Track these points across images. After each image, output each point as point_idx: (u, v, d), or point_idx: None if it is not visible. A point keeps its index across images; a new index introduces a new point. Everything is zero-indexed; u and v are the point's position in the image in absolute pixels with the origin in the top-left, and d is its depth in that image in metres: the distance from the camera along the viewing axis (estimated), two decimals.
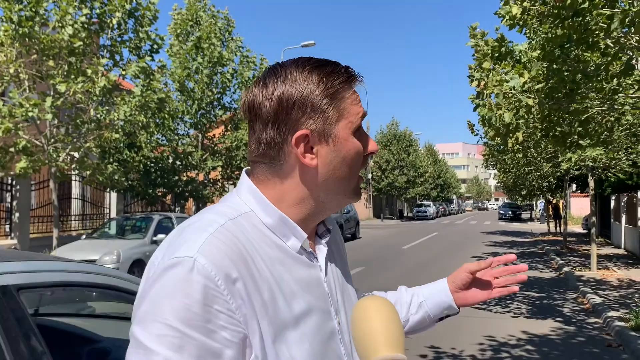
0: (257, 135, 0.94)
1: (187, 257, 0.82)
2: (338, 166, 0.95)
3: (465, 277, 1.27)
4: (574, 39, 5.73)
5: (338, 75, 0.95)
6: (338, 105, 0.94)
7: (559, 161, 14.55)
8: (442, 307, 1.29)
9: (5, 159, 10.71)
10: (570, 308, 8.99)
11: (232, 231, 0.88)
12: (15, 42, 9.99)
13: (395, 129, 47.27)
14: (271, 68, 0.97)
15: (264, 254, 0.90)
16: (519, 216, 49.15)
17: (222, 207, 0.95)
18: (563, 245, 19.01)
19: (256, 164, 0.97)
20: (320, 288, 0.97)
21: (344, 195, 0.99)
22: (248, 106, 0.95)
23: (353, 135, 0.96)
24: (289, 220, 0.95)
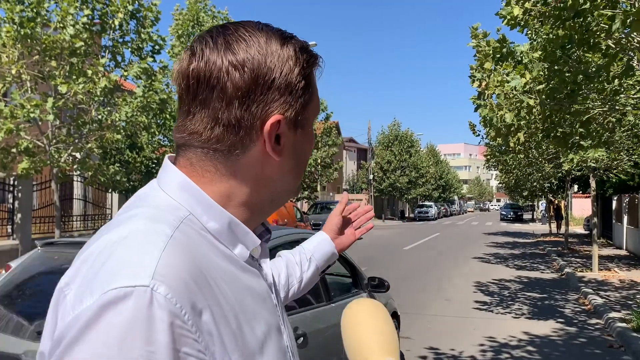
0: (213, 113, 0.73)
1: (140, 287, 0.60)
2: (299, 160, 0.82)
3: (338, 220, 1.34)
4: (575, 39, 5.73)
5: (308, 53, 0.80)
6: (309, 90, 0.79)
7: (560, 162, 14.55)
8: (327, 257, 1.31)
9: (7, 159, 10.72)
10: (571, 309, 8.98)
11: (186, 245, 0.68)
12: (17, 43, 10.00)
13: (396, 130, 47.25)
14: (232, 29, 0.76)
15: (220, 271, 0.71)
16: (521, 217, 49.10)
17: (152, 212, 0.72)
18: (564, 246, 18.99)
19: (195, 150, 0.76)
20: (270, 301, 0.81)
21: (292, 191, 0.84)
22: (198, 74, 0.73)
23: None
24: (240, 224, 0.77)
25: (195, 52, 0.74)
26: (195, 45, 0.75)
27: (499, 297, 10.07)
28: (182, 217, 0.72)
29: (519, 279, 12.49)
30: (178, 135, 0.77)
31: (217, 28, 0.78)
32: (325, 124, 22.63)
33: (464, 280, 12.10)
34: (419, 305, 9.01)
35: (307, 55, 0.79)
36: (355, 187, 49.25)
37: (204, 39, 0.76)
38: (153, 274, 0.61)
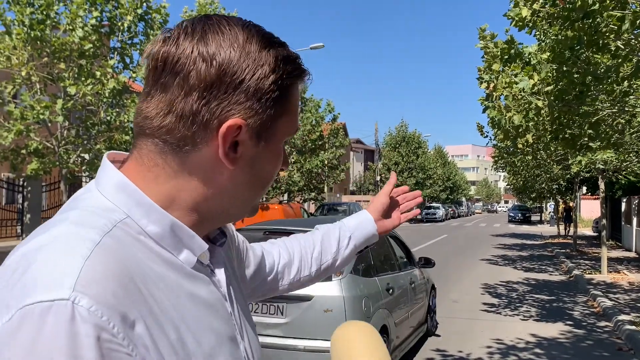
0: (169, 99, 0.68)
1: (60, 301, 0.54)
2: (257, 176, 0.75)
3: (385, 200, 1.26)
4: (584, 40, 5.70)
5: (294, 65, 0.74)
6: (283, 104, 0.73)
7: (568, 163, 14.48)
8: (367, 237, 1.23)
9: (17, 160, 10.81)
10: (580, 311, 8.93)
11: (115, 251, 0.61)
12: (27, 45, 10.09)
13: (404, 131, 47.18)
14: (215, 21, 0.72)
15: (157, 279, 0.65)
16: (529, 219, 48.88)
17: (84, 214, 0.65)
18: (573, 248, 18.89)
19: (146, 140, 0.70)
20: (223, 310, 0.75)
21: (247, 209, 0.78)
22: (166, 57, 0.68)
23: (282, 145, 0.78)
24: (184, 228, 0.71)
25: (171, 36, 0.70)
26: (174, 30, 0.71)
27: (507, 299, 10.03)
28: (116, 221, 0.66)
29: (527, 281, 12.43)
30: (135, 120, 0.72)
31: (201, 17, 0.73)
32: (333, 126, 22.62)
33: (472, 282, 12.06)
34: None
35: (291, 66, 0.73)
36: (362, 188, 49.21)
37: (183, 25, 0.72)
38: (74, 285, 0.55)
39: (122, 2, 11.16)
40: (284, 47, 0.74)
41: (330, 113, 22.10)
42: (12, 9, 10.14)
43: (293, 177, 19.99)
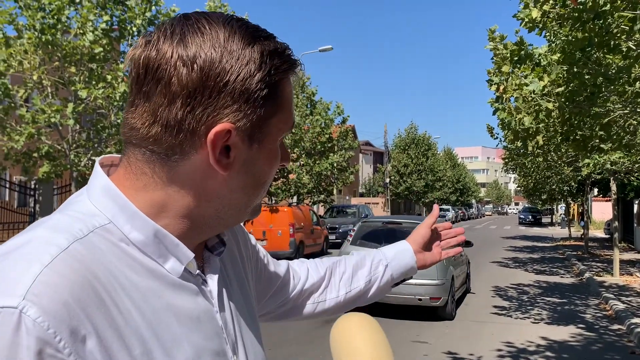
0: (153, 108, 0.65)
1: (7, 308, 0.53)
2: (254, 178, 0.71)
3: (426, 233, 1.21)
4: (595, 41, 5.66)
5: (282, 59, 0.70)
6: (275, 101, 0.69)
7: (579, 165, 14.38)
8: (404, 269, 1.19)
9: (29, 163, 10.91)
10: (592, 314, 8.86)
11: (81, 258, 0.59)
12: (38, 50, 10.18)
13: (414, 133, 47.06)
14: (194, 20, 0.68)
15: (131, 288, 0.63)
16: (540, 220, 48.59)
17: (62, 218, 0.65)
18: (584, 250, 18.74)
19: (134, 149, 0.68)
20: (212, 322, 0.72)
21: (246, 213, 0.75)
22: (147, 63, 0.65)
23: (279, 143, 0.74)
24: (168, 236, 0.68)
25: (151, 40, 0.67)
26: (153, 32, 0.68)
27: (517, 301, 9.96)
28: (95, 226, 0.64)
29: (538, 283, 12.35)
30: (122, 130, 0.69)
31: (180, 16, 0.69)
32: (342, 128, 22.61)
33: (482, 284, 12.00)
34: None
35: (279, 60, 0.69)
36: (371, 190, 49.14)
37: (163, 27, 0.68)
38: (25, 294, 0.53)
39: (131, 6, 11.24)
40: (271, 39, 0.70)
41: (339, 115, 22.09)
42: (23, 13, 10.24)
43: (302, 179, 20.01)
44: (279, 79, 0.69)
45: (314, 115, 20.81)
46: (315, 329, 7.27)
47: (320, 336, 6.76)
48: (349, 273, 1.14)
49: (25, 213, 14.27)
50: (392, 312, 8.38)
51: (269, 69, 0.67)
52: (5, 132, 10.39)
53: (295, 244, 15.96)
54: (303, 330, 7.35)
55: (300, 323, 7.81)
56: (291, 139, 18.71)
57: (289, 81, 0.72)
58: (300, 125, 19.31)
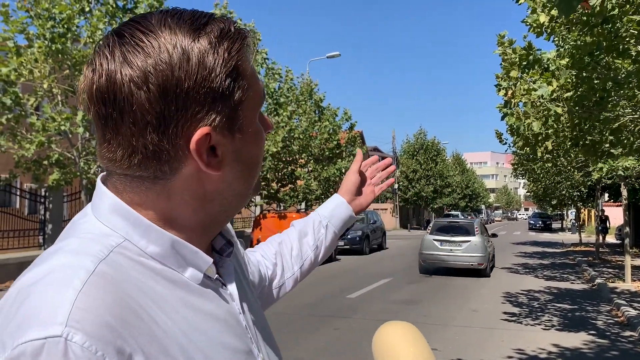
0: (126, 140, 0.63)
1: (52, 338, 0.52)
2: (246, 163, 0.71)
3: (355, 179, 1.24)
4: (604, 46, 5.63)
5: (232, 39, 0.66)
6: (241, 84, 0.66)
7: (589, 170, 14.28)
8: (344, 221, 1.22)
9: (39, 171, 10.99)
10: (603, 321, 8.77)
11: (111, 279, 0.59)
12: (48, 58, 10.27)
13: (422, 138, 46.98)
14: (127, 34, 0.64)
15: (160, 301, 0.63)
16: (550, 226, 48.29)
17: (78, 242, 0.63)
18: (595, 256, 18.58)
19: (119, 176, 0.67)
20: (238, 325, 0.73)
21: (246, 195, 0.74)
22: (102, 96, 0.62)
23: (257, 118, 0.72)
24: (186, 245, 0.68)
25: (95, 67, 0.63)
26: (95, 58, 0.64)
27: (528, 308, 9.88)
28: (113, 245, 0.63)
29: (549, 289, 12.25)
30: (101, 162, 0.67)
31: (112, 34, 0.65)
32: (349, 133, 22.61)
33: (492, 290, 11.92)
34: (445, 316, 8.90)
35: (229, 42, 0.65)
36: (379, 196, 48.98)
37: (101, 50, 0.64)
38: (67, 321, 0.53)
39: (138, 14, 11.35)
40: (210, 23, 0.66)
41: (347, 121, 22.10)
42: (34, 23, 10.35)
43: (310, 185, 20.01)
44: (235, 62, 0.66)
45: (322, 122, 20.83)
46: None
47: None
48: (297, 247, 1.18)
49: (36, 220, 14.36)
50: (454, 272, 14.60)
51: (222, 57, 0.64)
52: (16, 140, 10.48)
53: None
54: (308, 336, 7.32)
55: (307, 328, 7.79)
56: (299, 144, 18.73)
57: (245, 55, 0.68)
58: (308, 131, 19.33)
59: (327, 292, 11.48)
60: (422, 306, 9.84)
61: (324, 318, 8.69)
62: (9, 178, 11.24)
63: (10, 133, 10.47)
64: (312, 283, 13.02)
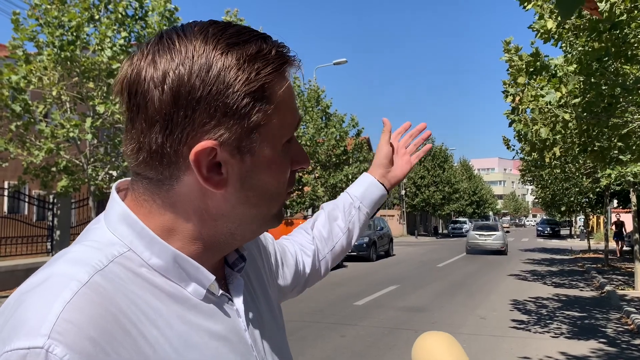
0: (137, 135, 0.64)
1: (34, 349, 0.53)
2: (257, 190, 0.68)
3: (387, 150, 1.19)
4: (612, 52, 5.61)
5: (266, 60, 0.65)
6: (264, 108, 0.65)
7: (598, 177, 14.20)
8: (376, 201, 1.19)
9: (48, 178, 11.06)
10: (613, 328, 8.68)
11: (103, 291, 0.58)
12: (57, 66, 10.36)
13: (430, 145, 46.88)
14: (165, 37, 0.65)
15: (155, 316, 0.62)
16: (558, 233, 47.99)
17: (81, 250, 0.64)
18: (605, 263, 18.43)
19: (135, 176, 0.68)
20: (241, 342, 0.71)
21: (262, 224, 0.72)
22: (128, 88, 0.65)
23: (281, 148, 0.69)
24: (188, 260, 0.67)
25: (133, 61, 0.65)
26: (136, 52, 0.67)
27: (536, 315, 9.81)
28: (115, 255, 0.63)
29: (557, 296, 12.16)
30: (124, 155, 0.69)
31: (160, 34, 0.67)
32: (356, 140, 22.63)
33: (500, 298, 11.85)
34: (453, 324, 8.85)
35: (262, 63, 0.64)
36: (387, 202, 48.96)
37: (141, 47, 0.66)
38: (49, 333, 0.53)
39: (149, 22, 11.40)
40: (253, 42, 0.65)
41: (354, 127, 22.13)
42: (43, 31, 10.45)
43: (317, 191, 20.00)
44: (264, 82, 0.64)
45: (328, 128, 20.85)
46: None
47: None
48: (327, 229, 1.14)
49: (44, 227, 14.44)
50: (487, 252, 25.11)
51: (247, 76, 0.63)
52: (25, 146, 10.56)
53: None
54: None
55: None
56: (306, 151, 18.77)
57: (282, 80, 0.67)
58: (314, 137, 19.34)
59: (333, 299, 11.45)
60: (430, 313, 9.79)
61: (330, 325, 8.67)
62: (17, 184, 11.31)
63: (20, 140, 10.55)
64: (318, 289, 13.00)
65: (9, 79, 9.96)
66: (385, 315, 9.54)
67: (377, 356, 6.79)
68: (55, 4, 10.42)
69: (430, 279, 15.30)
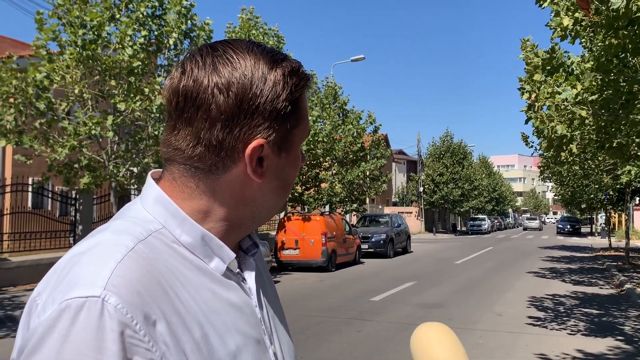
0: (196, 132, 0.75)
1: (92, 298, 0.63)
2: (284, 182, 0.82)
3: None
4: (629, 48, 5.58)
5: (299, 76, 0.79)
6: (297, 114, 0.80)
7: (618, 173, 14.04)
8: None
9: (70, 174, 11.28)
10: (631, 326, 8.62)
11: (146, 257, 0.70)
12: (79, 64, 10.55)
13: (449, 141, 46.57)
14: (221, 50, 0.77)
15: (186, 282, 0.73)
16: (579, 230, 47.41)
17: (124, 224, 0.75)
18: (625, 261, 18.22)
19: (178, 166, 0.78)
20: (253, 315, 0.82)
21: (276, 209, 0.85)
22: (186, 92, 0.75)
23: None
24: (214, 239, 0.78)
25: (185, 71, 0.76)
26: (185, 64, 0.77)
27: (553, 312, 9.78)
28: (152, 230, 0.74)
29: (575, 294, 12.08)
30: (164, 150, 0.79)
31: (206, 47, 0.78)
32: (374, 136, 22.60)
33: (517, 295, 11.81)
34: (470, 320, 8.87)
35: (297, 78, 0.79)
36: (404, 199, 48.83)
37: (194, 58, 0.77)
38: (105, 285, 0.63)
39: (168, 21, 11.55)
40: (286, 60, 0.80)
41: (371, 124, 22.13)
42: (66, 30, 10.65)
43: (335, 188, 20.07)
44: (298, 95, 0.79)
45: (345, 125, 20.88)
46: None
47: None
48: None
49: (67, 222, 14.74)
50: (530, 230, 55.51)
51: (290, 88, 0.77)
52: (48, 143, 10.79)
53: (328, 253, 16.00)
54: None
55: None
56: (322, 148, 18.83)
57: (304, 95, 0.82)
58: (332, 134, 19.39)
59: (350, 295, 11.52)
60: (446, 310, 9.81)
61: (347, 320, 8.75)
62: (41, 181, 11.56)
63: (44, 137, 10.78)
64: (336, 286, 13.08)
65: (33, 78, 10.18)
66: (401, 312, 9.59)
67: (394, 351, 6.86)
68: (77, 4, 10.62)
69: (447, 276, 15.28)
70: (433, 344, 0.96)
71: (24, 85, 10.28)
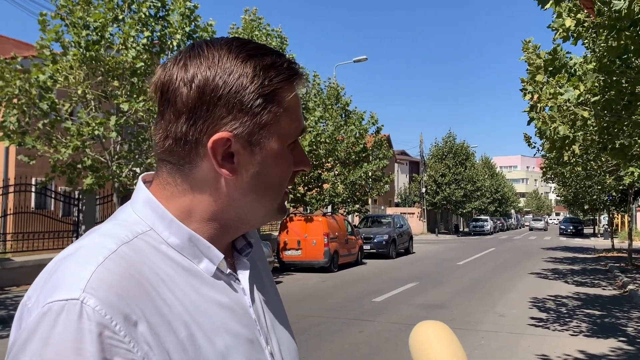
0: (165, 125, 0.76)
1: (72, 300, 0.64)
2: (262, 181, 0.79)
3: None
4: (632, 49, 5.58)
5: (278, 70, 0.78)
6: (274, 109, 0.77)
7: (621, 174, 14.03)
8: None
9: (74, 174, 11.31)
10: (634, 327, 8.62)
11: (128, 259, 0.70)
12: (82, 65, 10.59)
13: (451, 142, 46.52)
14: (196, 46, 0.78)
15: (171, 283, 0.73)
16: (581, 231, 47.31)
17: (111, 226, 0.76)
18: (628, 262, 18.19)
19: (162, 163, 0.79)
20: (246, 315, 0.81)
21: (266, 214, 0.83)
22: (161, 87, 0.77)
23: (286, 147, 0.81)
24: (200, 239, 0.78)
25: (165, 67, 0.78)
26: (168, 62, 0.79)
27: (555, 313, 9.77)
28: (139, 232, 0.75)
29: (578, 295, 12.07)
30: (155, 148, 0.81)
31: (189, 45, 0.80)
32: (376, 137, 22.60)
33: (520, 296, 11.81)
34: (472, 321, 8.88)
35: (274, 72, 0.77)
36: (407, 200, 48.80)
37: (175, 56, 0.79)
38: (85, 288, 0.65)
39: (171, 22, 11.58)
40: (269, 55, 0.78)
41: (373, 125, 22.13)
42: (69, 31, 10.69)
43: (337, 188, 20.07)
44: (275, 88, 0.77)
45: (348, 125, 20.88)
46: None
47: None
48: None
49: (70, 222, 14.78)
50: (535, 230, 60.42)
51: (261, 81, 0.76)
52: (51, 144, 10.82)
53: (330, 254, 16.02)
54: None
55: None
56: (325, 148, 18.84)
57: (290, 89, 0.79)
58: (334, 135, 19.40)
59: (352, 296, 11.53)
60: (449, 310, 9.82)
61: (349, 321, 8.76)
62: (45, 181, 11.60)
63: (47, 137, 10.81)
64: (338, 286, 13.09)
65: (36, 78, 10.22)
66: (403, 312, 9.60)
67: (395, 351, 6.87)
68: (80, 5, 10.66)
69: (450, 277, 15.28)
70: (432, 342, 0.96)
71: (27, 85, 10.31)
